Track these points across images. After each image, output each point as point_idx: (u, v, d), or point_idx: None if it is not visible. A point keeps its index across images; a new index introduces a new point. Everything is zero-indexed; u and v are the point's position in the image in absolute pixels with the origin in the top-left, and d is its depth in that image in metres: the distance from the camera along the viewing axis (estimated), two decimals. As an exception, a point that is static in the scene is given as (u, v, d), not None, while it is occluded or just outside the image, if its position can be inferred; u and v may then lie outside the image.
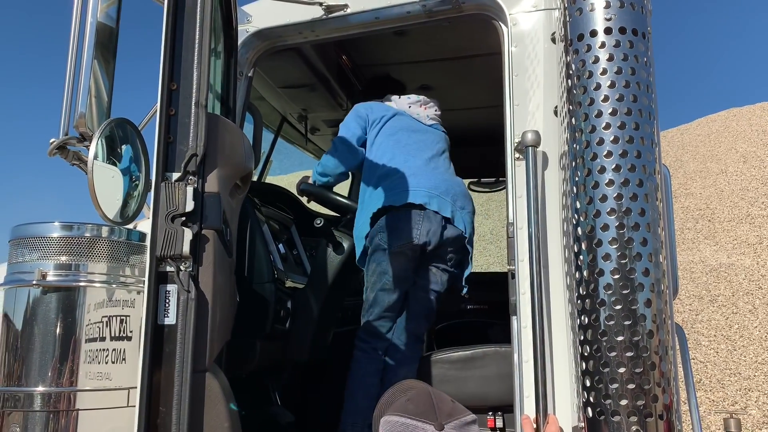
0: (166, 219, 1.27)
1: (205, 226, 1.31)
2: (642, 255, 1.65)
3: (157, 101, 1.33)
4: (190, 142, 1.31)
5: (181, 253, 1.27)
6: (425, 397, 1.59)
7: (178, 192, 1.29)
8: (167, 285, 1.27)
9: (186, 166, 1.30)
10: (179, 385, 1.24)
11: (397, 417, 1.54)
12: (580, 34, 1.79)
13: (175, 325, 1.26)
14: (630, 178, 1.68)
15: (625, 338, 1.61)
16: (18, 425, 1.93)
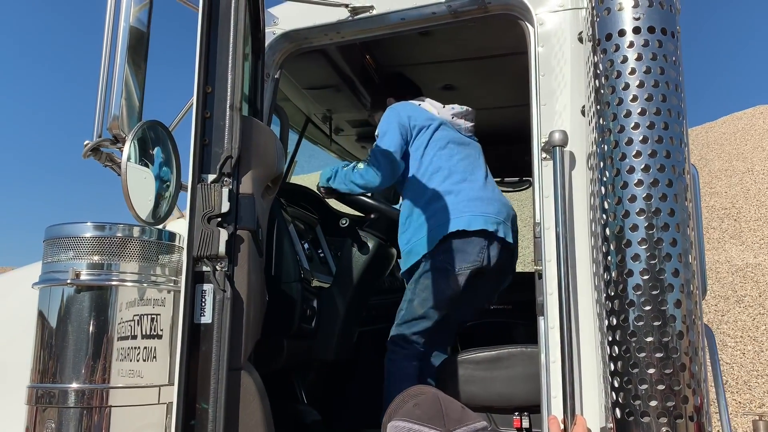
0: (202, 220, 1.29)
1: (239, 226, 1.33)
2: (671, 255, 1.64)
3: (192, 104, 1.35)
4: (225, 144, 1.33)
5: (217, 253, 1.29)
6: (433, 402, 1.56)
7: (213, 193, 1.31)
8: (203, 284, 1.30)
9: (221, 168, 1.32)
10: (215, 382, 1.26)
11: (403, 422, 1.50)
12: (609, 34, 1.78)
13: (211, 323, 1.29)
14: (659, 179, 1.67)
15: (655, 339, 1.61)
16: (53, 421, 1.97)
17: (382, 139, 2.70)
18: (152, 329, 2.11)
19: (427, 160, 2.72)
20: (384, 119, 2.78)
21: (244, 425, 1.29)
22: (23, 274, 3.09)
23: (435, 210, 2.64)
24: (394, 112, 2.79)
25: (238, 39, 1.38)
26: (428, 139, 2.74)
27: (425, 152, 2.73)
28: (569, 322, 1.87)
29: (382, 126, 2.76)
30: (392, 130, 2.71)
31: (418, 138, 2.74)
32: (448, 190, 2.66)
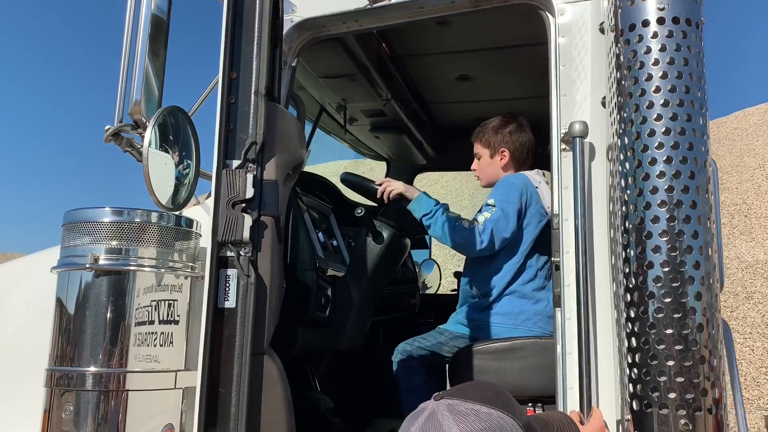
0: (227, 205, 1.30)
1: (263, 212, 1.33)
2: (693, 248, 1.63)
3: (215, 89, 1.35)
4: (249, 130, 1.33)
5: (241, 238, 1.30)
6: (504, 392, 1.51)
7: (238, 179, 1.31)
8: (227, 269, 1.31)
9: (246, 154, 1.32)
10: (239, 367, 1.27)
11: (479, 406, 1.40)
12: (632, 24, 1.77)
13: (235, 308, 1.29)
14: (681, 170, 1.67)
15: (675, 331, 1.60)
16: (71, 404, 1.99)
17: (501, 221, 2.58)
18: (169, 315, 2.12)
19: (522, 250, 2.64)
20: (503, 192, 2.68)
21: (266, 410, 1.30)
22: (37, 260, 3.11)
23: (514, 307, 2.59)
24: (516, 192, 2.66)
25: (263, 25, 1.38)
26: (537, 225, 2.66)
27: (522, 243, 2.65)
28: (587, 314, 1.87)
29: (501, 198, 2.64)
30: (511, 214, 2.59)
31: (524, 219, 2.65)
32: (535, 297, 2.61)
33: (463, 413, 1.36)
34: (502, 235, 2.55)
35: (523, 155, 2.86)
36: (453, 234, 2.56)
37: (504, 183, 2.71)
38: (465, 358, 2.44)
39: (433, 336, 2.64)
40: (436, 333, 2.66)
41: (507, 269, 2.60)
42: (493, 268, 2.62)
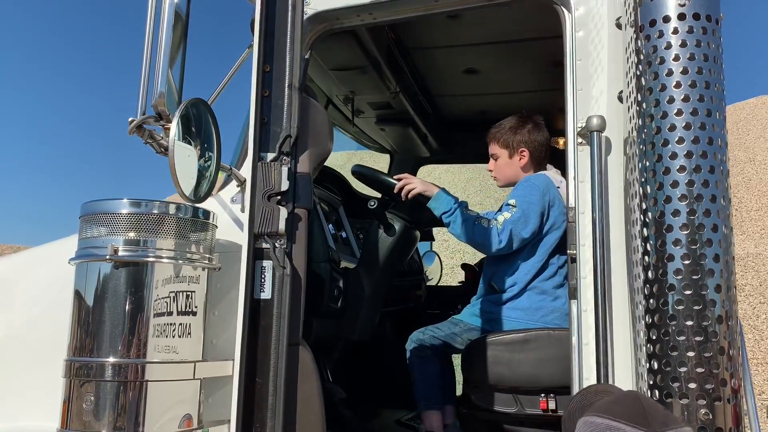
0: (263, 198, 1.31)
1: (297, 205, 1.35)
2: (713, 241, 1.66)
3: (252, 83, 1.36)
4: (284, 123, 1.34)
5: (277, 230, 1.31)
6: (634, 400, 1.46)
7: (273, 172, 1.33)
8: (263, 261, 1.32)
9: (281, 147, 1.33)
10: (275, 357, 1.28)
11: (601, 419, 1.39)
12: (653, 20, 1.79)
13: (270, 299, 1.31)
14: (701, 165, 1.69)
15: (695, 323, 1.63)
16: (92, 395, 2.00)
17: (521, 220, 2.60)
18: (187, 306, 2.13)
19: (545, 249, 2.66)
20: (526, 192, 2.69)
21: (301, 399, 1.31)
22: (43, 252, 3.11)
23: (533, 303, 2.62)
24: (539, 192, 2.67)
25: (297, 18, 1.39)
26: (559, 234, 2.66)
27: (546, 242, 2.67)
28: (604, 305, 1.90)
29: (523, 199, 2.66)
30: (534, 215, 2.61)
31: (548, 221, 2.67)
32: (554, 294, 2.63)
33: None
34: (521, 235, 2.56)
35: (542, 154, 2.88)
36: (472, 233, 2.58)
37: (525, 183, 2.72)
38: (479, 349, 2.46)
39: (447, 326, 2.67)
40: (451, 323, 2.69)
41: (529, 266, 2.62)
42: (516, 265, 2.63)
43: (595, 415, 1.40)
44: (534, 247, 2.63)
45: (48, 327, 2.73)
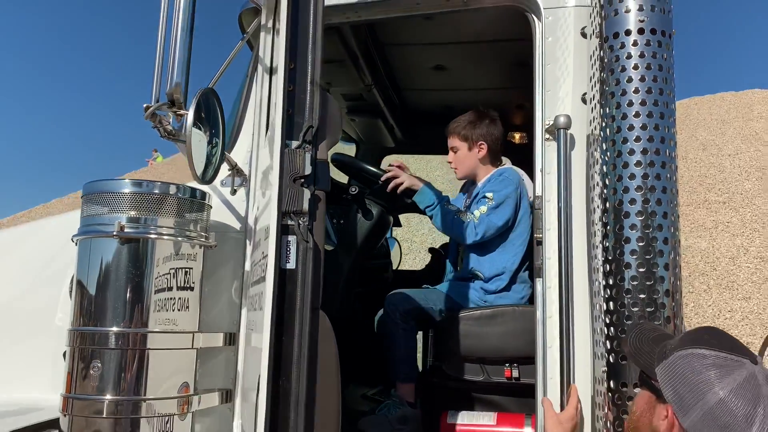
0: (289, 180, 1.48)
1: (317, 187, 1.53)
2: (663, 226, 1.93)
3: (278, 79, 1.53)
4: (306, 114, 1.52)
5: (301, 209, 1.48)
6: (727, 335, 1.56)
7: (298, 158, 1.50)
8: (288, 236, 1.49)
9: (304, 136, 1.51)
10: (300, 319, 1.46)
11: (704, 350, 1.47)
12: (616, 33, 2.04)
13: (295, 269, 1.49)
14: (655, 160, 1.96)
15: (647, 296, 1.90)
16: (98, 361, 2.13)
17: (497, 210, 2.86)
18: (186, 282, 2.29)
19: (524, 239, 2.92)
20: (502, 186, 2.94)
21: (322, 359, 1.50)
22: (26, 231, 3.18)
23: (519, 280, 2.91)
24: (513, 186, 2.94)
25: (318, 21, 1.56)
26: (526, 213, 2.94)
27: (521, 231, 2.93)
28: (567, 283, 2.16)
29: (499, 192, 2.90)
30: (508, 207, 2.88)
31: (521, 218, 2.94)
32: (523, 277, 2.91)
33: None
34: (495, 224, 2.83)
35: (498, 148, 3.14)
36: (452, 225, 2.85)
37: (499, 177, 2.98)
38: (451, 323, 2.69)
39: (428, 296, 2.88)
40: (434, 295, 2.90)
41: (511, 256, 2.89)
42: (497, 254, 2.90)
43: (693, 348, 1.49)
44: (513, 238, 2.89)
45: (33, 302, 2.82)
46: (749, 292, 11.15)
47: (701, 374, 1.44)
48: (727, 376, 1.42)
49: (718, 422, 1.39)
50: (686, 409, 1.44)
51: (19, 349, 2.73)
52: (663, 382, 1.50)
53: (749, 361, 1.46)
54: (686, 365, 1.47)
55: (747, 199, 15.25)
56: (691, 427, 1.43)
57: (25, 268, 2.94)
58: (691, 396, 1.44)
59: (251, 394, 2.02)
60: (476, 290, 2.84)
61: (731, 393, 1.39)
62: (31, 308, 2.80)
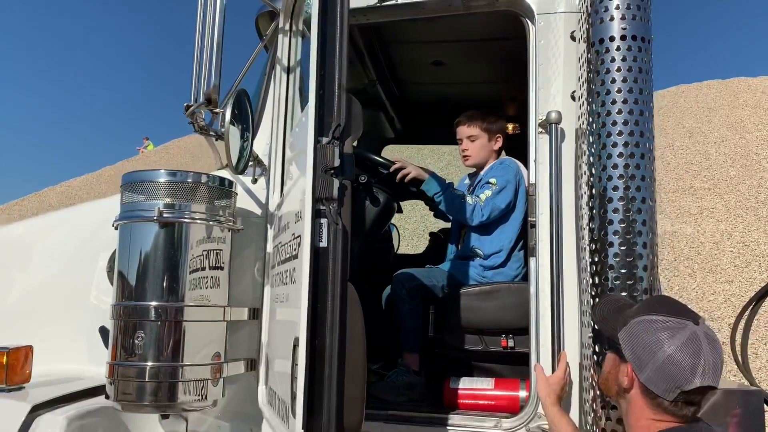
0: (321, 171, 1.74)
1: (344, 177, 1.78)
2: (642, 210, 2.20)
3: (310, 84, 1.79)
4: (334, 114, 1.77)
5: (332, 196, 1.74)
6: (668, 298, 1.87)
7: (328, 152, 1.75)
8: (320, 219, 1.74)
9: (333, 133, 1.76)
10: (332, 290, 1.72)
11: (655, 316, 1.74)
12: (601, 38, 2.30)
13: (327, 247, 1.74)
14: (635, 152, 2.22)
15: (627, 271, 2.18)
16: (143, 331, 2.39)
17: (500, 194, 3.13)
18: (216, 262, 2.55)
19: (520, 222, 3.19)
20: (504, 173, 3.21)
21: (350, 324, 1.76)
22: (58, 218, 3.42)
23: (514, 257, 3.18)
24: (513, 173, 3.20)
25: (344, 33, 1.81)
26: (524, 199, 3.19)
27: (519, 215, 3.20)
28: (558, 261, 2.43)
29: (501, 178, 3.17)
30: (509, 191, 3.15)
31: (520, 198, 3.20)
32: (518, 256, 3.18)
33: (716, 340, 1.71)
34: (499, 207, 3.11)
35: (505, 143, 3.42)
36: (459, 209, 3.13)
37: (501, 165, 3.25)
38: (453, 299, 2.97)
39: (431, 274, 3.16)
40: (437, 274, 3.18)
41: (509, 235, 3.16)
42: (496, 234, 3.17)
43: (646, 315, 1.77)
44: (511, 220, 3.16)
45: (70, 282, 3.07)
46: (732, 275, 11.54)
47: (653, 336, 1.72)
48: (674, 336, 1.70)
49: (668, 373, 1.68)
50: (642, 365, 1.73)
51: (59, 324, 2.98)
52: (624, 345, 1.79)
53: (692, 323, 1.73)
54: (641, 329, 1.76)
55: (731, 186, 15.65)
56: (647, 381, 1.72)
57: (60, 251, 3.18)
58: (646, 354, 1.73)
59: (278, 361, 2.29)
60: (476, 268, 3.11)
61: (677, 349, 1.68)
62: (68, 287, 3.05)
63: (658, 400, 1.72)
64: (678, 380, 1.67)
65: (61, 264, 3.14)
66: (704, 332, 1.72)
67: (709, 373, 1.67)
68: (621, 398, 1.87)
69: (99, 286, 2.99)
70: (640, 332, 1.76)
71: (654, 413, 1.74)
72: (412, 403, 2.88)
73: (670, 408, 1.72)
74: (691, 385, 1.67)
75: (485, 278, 3.08)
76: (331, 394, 1.72)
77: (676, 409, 1.72)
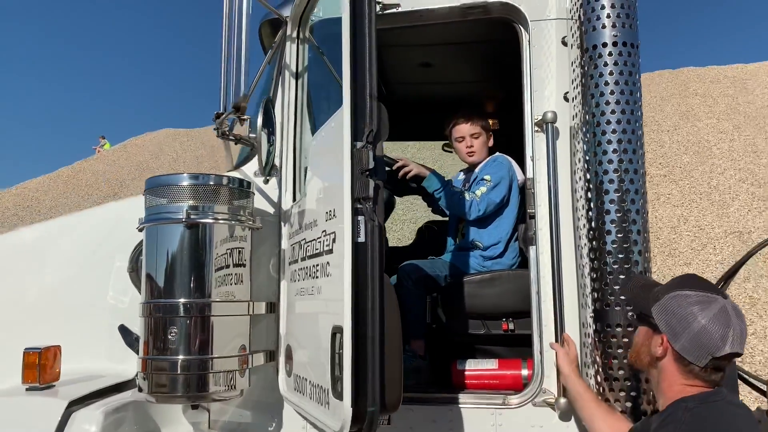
0: (358, 173, 1.91)
1: (377, 178, 1.95)
2: (635, 200, 2.44)
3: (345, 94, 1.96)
4: (366, 121, 1.94)
5: (368, 195, 1.91)
6: (696, 276, 2.07)
7: (364, 155, 1.92)
8: (358, 216, 1.92)
9: (367, 138, 1.93)
10: (371, 279, 1.90)
11: (687, 291, 1.95)
12: (594, 44, 2.52)
13: (365, 242, 1.91)
14: (627, 148, 2.46)
15: (624, 256, 2.41)
16: (175, 327, 2.52)
17: (495, 190, 3.34)
18: (239, 259, 2.70)
19: (514, 214, 3.41)
20: (498, 169, 3.41)
21: (387, 309, 1.94)
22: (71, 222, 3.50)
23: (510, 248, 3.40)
24: (506, 169, 3.41)
25: (372, 47, 1.98)
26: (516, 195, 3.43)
27: (513, 203, 3.42)
28: (557, 248, 2.65)
29: (496, 175, 3.37)
30: (503, 187, 3.36)
31: (513, 192, 3.42)
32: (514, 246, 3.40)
33: (741, 312, 1.94)
34: (494, 201, 3.32)
35: None
36: (458, 204, 3.34)
37: (494, 162, 3.46)
38: (457, 286, 3.17)
39: (434, 265, 3.36)
40: (440, 264, 3.38)
41: (506, 228, 3.38)
42: (493, 226, 3.38)
43: (679, 290, 1.97)
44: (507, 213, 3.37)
45: (86, 283, 3.17)
46: (689, 258, 12.08)
47: (687, 309, 1.94)
48: (705, 309, 1.92)
49: (702, 342, 1.91)
50: (677, 336, 1.94)
51: (77, 325, 3.08)
52: (658, 318, 1.99)
53: (720, 297, 1.95)
54: (675, 303, 1.97)
55: (685, 172, 16.28)
56: (681, 349, 1.94)
57: (74, 254, 3.27)
58: (680, 326, 1.94)
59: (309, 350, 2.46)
60: (476, 258, 3.33)
61: (710, 321, 1.91)
62: (84, 288, 3.14)
63: (691, 366, 1.93)
64: (710, 348, 1.89)
65: (75, 267, 3.23)
66: (731, 305, 1.95)
67: (737, 341, 1.90)
68: (653, 367, 2.05)
69: (115, 287, 3.10)
70: (673, 306, 1.96)
71: (686, 379, 1.95)
72: (420, 385, 3.07)
73: (701, 374, 1.93)
74: (722, 351, 1.89)
75: (485, 267, 3.29)
76: (375, 376, 1.90)
77: (705, 375, 1.94)
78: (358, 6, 2.03)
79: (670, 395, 1.98)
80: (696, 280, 2.07)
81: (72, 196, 23.80)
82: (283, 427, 2.88)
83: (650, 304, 2.03)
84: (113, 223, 3.22)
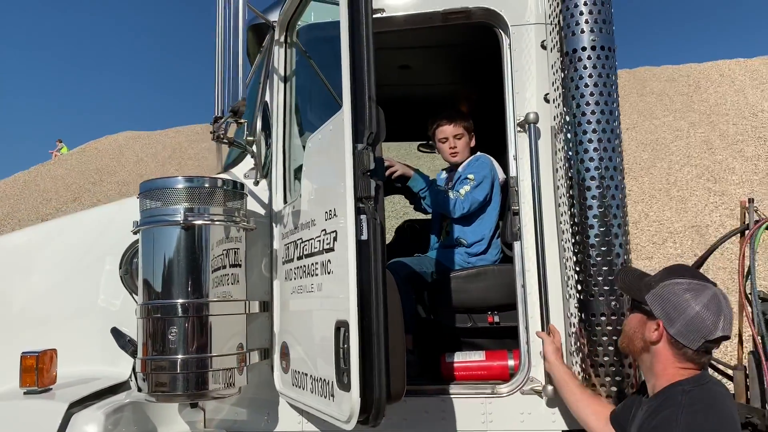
0: (360, 173, 1.99)
1: (377, 178, 2.04)
2: (615, 196, 2.58)
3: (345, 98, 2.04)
4: (366, 123, 2.03)
5: (369, 194, 1.99)
6: (686, 266, 2.22)
7: (365, 156, 2.01)
8: (361, 215, 2.00)
9: (367, 140, 2.02)
10: (374, 273, 1.98)
11: (682, 279, 2.07)
12: (574, 49, 2.65)
13: (367, 239, 2.00)
14: (607, 146, 2.59)
15: (606, 248, 2.55)
16: (174, 327, 2.56)
17: (478, 188, 3.45)
18: (235, 260, 2.75)
19: (497, 212, 3.54)
20: (480, 168, 3.53)
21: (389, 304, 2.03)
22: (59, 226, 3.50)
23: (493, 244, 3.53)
24: (489, 168, 3.54)
25: (370, 54, 2.07)
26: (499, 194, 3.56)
27: (495, 201, 3.55)
28: (541, 242, 2.77)
29: (479, 174, 3.49)
30: (486, 185, 3.48)
31: (494, 191, 3.55)
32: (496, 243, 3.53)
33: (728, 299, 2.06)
34: (477, 200, 3.44)
35: None
36: (443, 203, 3.46)
37: (477, 162, 3.58)
38: (444, 282, 3.28)
39: (421, 262, 3.46)
40: (426, 261, 3.48)
41: (489, 225, 3.50)
42: (477, 224, 3.50)
43: (672, 279, 2.09)
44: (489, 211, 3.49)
45: (76, 287, 3.18)
46: (651, 252, 12.45)
47: (681, 296, 2.07)
48: (698, 296, 2.04)
49: (696, 326, 2.03)
50: (673, 321, 2.06)
51: (69, 328, 3.09)
52: (653, 305, 2.11)
53: (711, 284, 2.09)
54: (669, 291, 2.09)
55: (644, 169, 16.73)
56: (676, 333, 2.06)
57: (64, 258, 3.27)
58: (675, 312, 2.06)
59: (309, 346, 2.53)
60: (461, 254, 3.44)
61: (703, 307, 2.04)
62: (75, 292, 3.15)
63: (684, 349, 2.06)
64: (704, 332, 2.02)
65: (65, 270, 3.24)
66: (721, 292, 2.09)
67: (727, 325, 2.04)
68: (645, 352, 2.16)
69: (106, 290, 3.12)
70: (668, 294, 2.08)
71: (679, 361, 2.07)
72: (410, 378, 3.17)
73: (693, 356, 2.06)
74: (714, 335, 2.03)
75: (470, 264, 3.40)
76: (380, 367, 1.99)
77: (697, 357, 2.07)
78: (356, 13, 2.12)
79: (664, 378, 2.09)
80: (688, 269, 2.20)
81: (30, 201, 23.26)
82: (279, 423, 2.94)
83: (643, 292, 2.14)
84: (103, 227, 3.24)
